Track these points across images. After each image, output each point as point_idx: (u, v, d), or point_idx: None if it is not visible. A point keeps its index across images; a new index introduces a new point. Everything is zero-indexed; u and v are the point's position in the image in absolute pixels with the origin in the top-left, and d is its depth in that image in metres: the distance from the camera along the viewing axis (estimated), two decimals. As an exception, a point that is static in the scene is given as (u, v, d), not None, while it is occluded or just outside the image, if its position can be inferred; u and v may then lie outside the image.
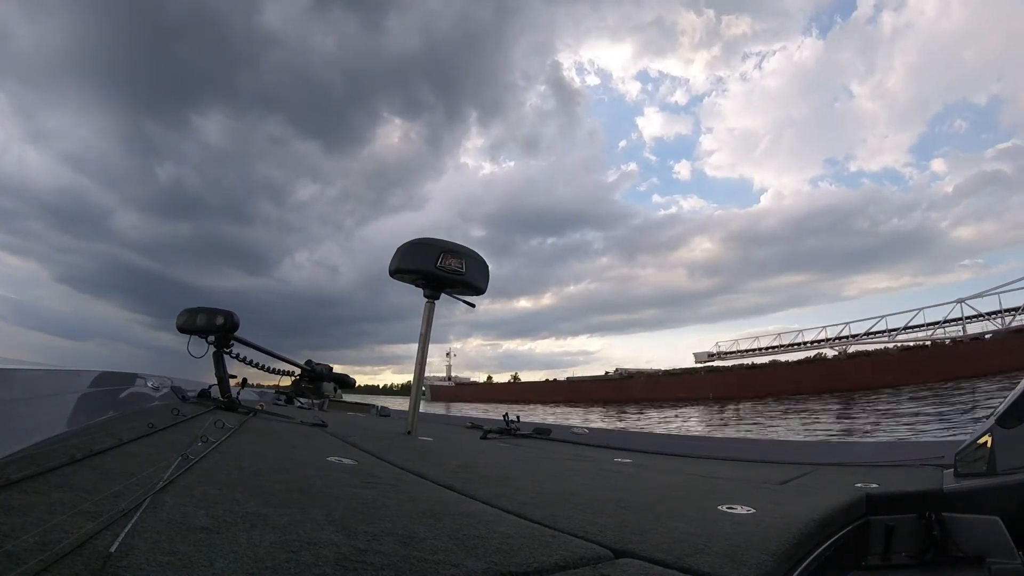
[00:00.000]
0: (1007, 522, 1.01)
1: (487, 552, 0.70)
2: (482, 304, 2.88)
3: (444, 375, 59.21)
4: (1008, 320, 26.75)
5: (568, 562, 0.70)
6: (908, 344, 29.22)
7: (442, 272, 2.52)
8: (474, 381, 59.99)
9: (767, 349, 35.45)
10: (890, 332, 30.13)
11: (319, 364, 4.54)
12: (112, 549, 0.56)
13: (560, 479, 1.54)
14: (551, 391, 41.83)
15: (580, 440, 3.18)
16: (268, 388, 4.85)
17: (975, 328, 27.93)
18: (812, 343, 33.08)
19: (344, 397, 5.15)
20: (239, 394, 2.82)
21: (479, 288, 2.68)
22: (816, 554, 0.89)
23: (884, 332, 30.42)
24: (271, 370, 3.86)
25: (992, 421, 1.21)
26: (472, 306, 2.85)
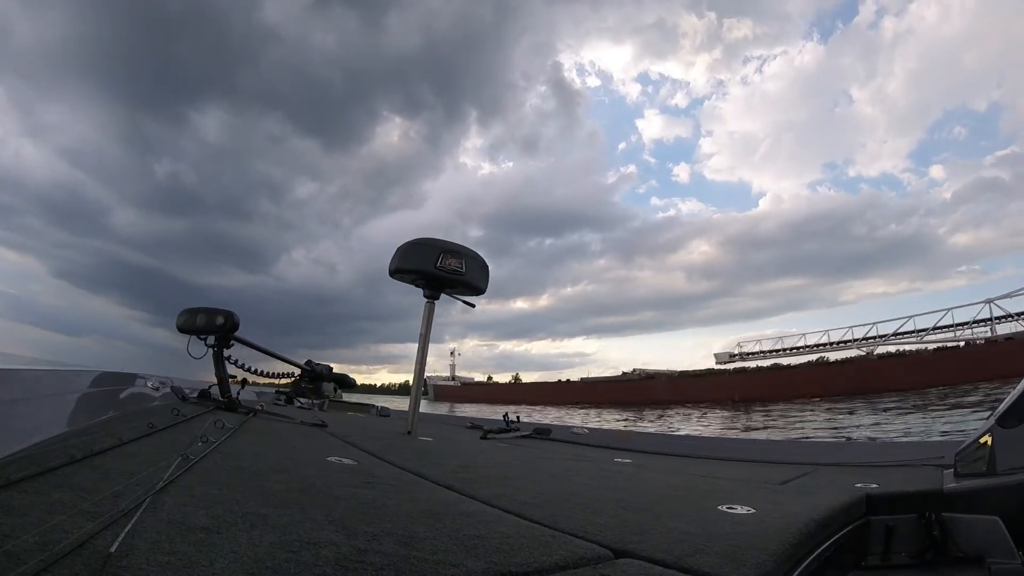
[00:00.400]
0: (1007, 522, 1.01)
1: (487, 552, 0.70)
2: (479, 304, 2.88)
3: (448, 375, 58.02)
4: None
5: (568, 562, 0.70)
6: (941, 344, 28.33)
7: (442, 272, 2.52)
8: (480, 381, 58.65)
9: (791, 350, 34.55)
10: (918, 332, 29.36)
11: (319, 364, 4.54)
12: (112, 549, 0.56)
13: (560, 479, 1.54)
14: (564, 392, 40.58)
15: (580, 440, 3.18)
16: (268, 387, 4.85)
17: (1004, 329, 27.28)
18: (839, 344, 32.27)
19: (344, 397, 5.15)
20: (239, 394, 2.82)
21: (479, 288, 2.68)
22: (816, 554, 0.89)
23: (912, 332, 29.63)
24: (271, 374, 3.87)
25: (992, 421, 1.21)
26: (472, 306, 2.85)
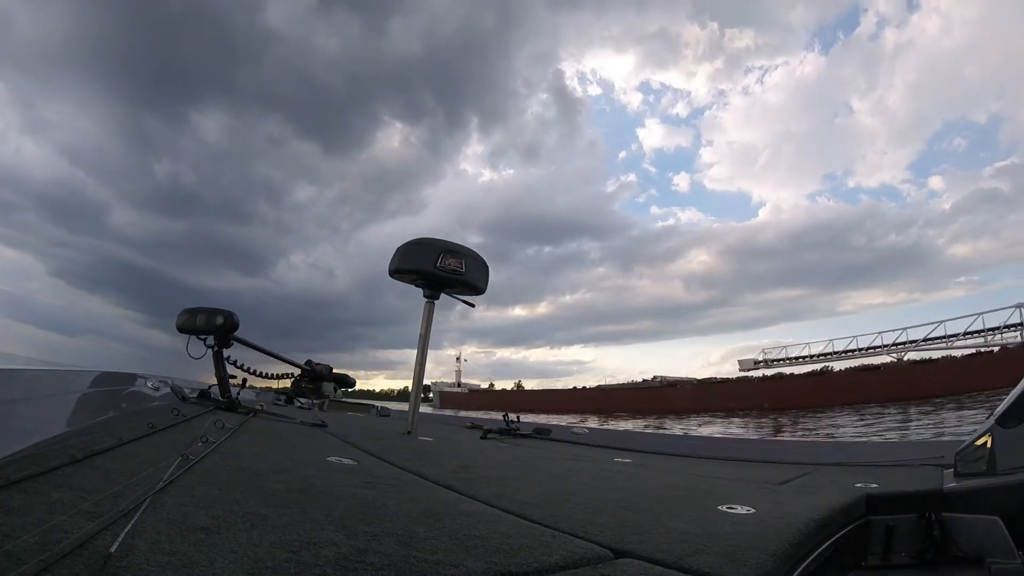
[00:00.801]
0: (1007, 522, 1.01)
1: (487, 552, 0.70)
2: (477, 311, 2.89)
3: (453, 381, 56.13)
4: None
5: (568, 562, 0.70)
6: (976, 350, 27.09)
7: (442, 272, 2.52)
8: (488, 387, 56.36)
9: (818, 356, 32.96)
10: (948, 338, 28.23)
11: (319, 364, 4.54)
12: (112, 549, 0.56)
13: (560, 479, 1.54)
14: (578, 400, 38.25)
15: (580, 440, 3.18)
16: (268, 387, 4.85)
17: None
18: (867, 349, 30.91)
19: (344, 397, 5.15)
20: (239, 394, 2.82)
21: (479, 288, 2.68)
22: (816, 554, 0.89)
23: (943, 338, 28.44)
24: (271, 375, 3.87)
25: (992, 421, 1.21)
26: (472, 306, 2.85)
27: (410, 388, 2.72)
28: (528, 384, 56.40)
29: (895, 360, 28.93)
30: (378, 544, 0.68)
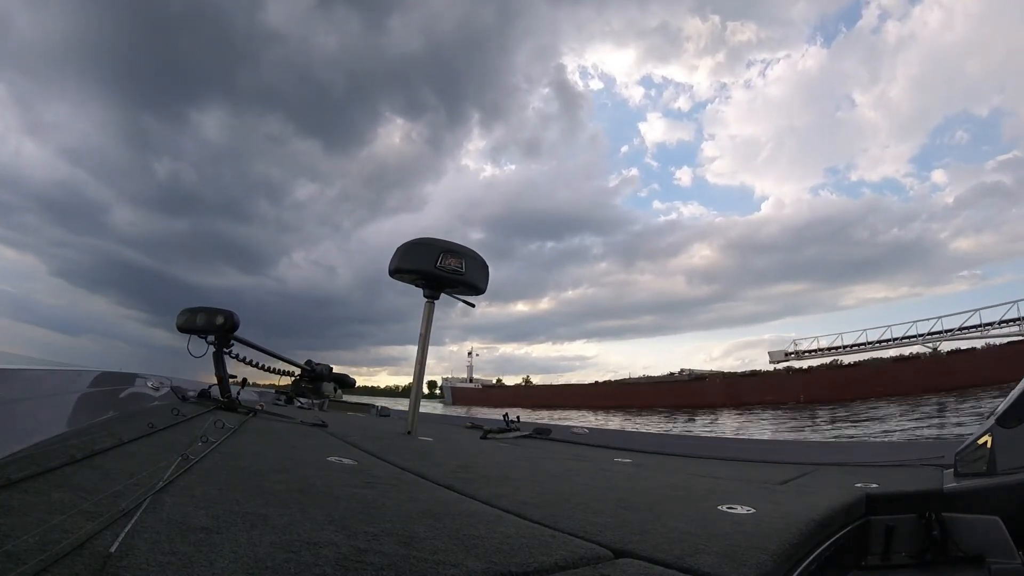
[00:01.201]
0: (1007, 522, 1.01)
1: (487, 552, 0.70)
2: (479, 307, 2.88)
3: (465, 376, 53.45)
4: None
5: (568, 562, 0.70)
6: (1013, 339, 25.80)
7: (442, 272, 2.51)
8: (502, 383, 53.76)
9: (852, 347, 31.43)
10: (983, 327, 27.00)
11: (319, 364, 4.54)
12: (112, 549, 0.56)
13: (560, 479, 1.54)
14: (598, 396, 35.97)
15: (580, 440, 3.18)
16: (268, 388, 4.85)
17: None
18: (901, 339, 29.61)
19: (344, 397, 5.15)
20: (239, 394, 2.82)
21: (479, 288, 2.68)
22: (816, 554, 0.89)
23: (977, 327, 27.26)
24: (272, 370, 3.86)
25: (992, 421, 1.21)
26: (472, 305, 2.85)
27: (415, 386, 2.71)
28: (536, 379, 55.14)
29: (931, 350, 27.88)
30: (378, 544, 0.68)
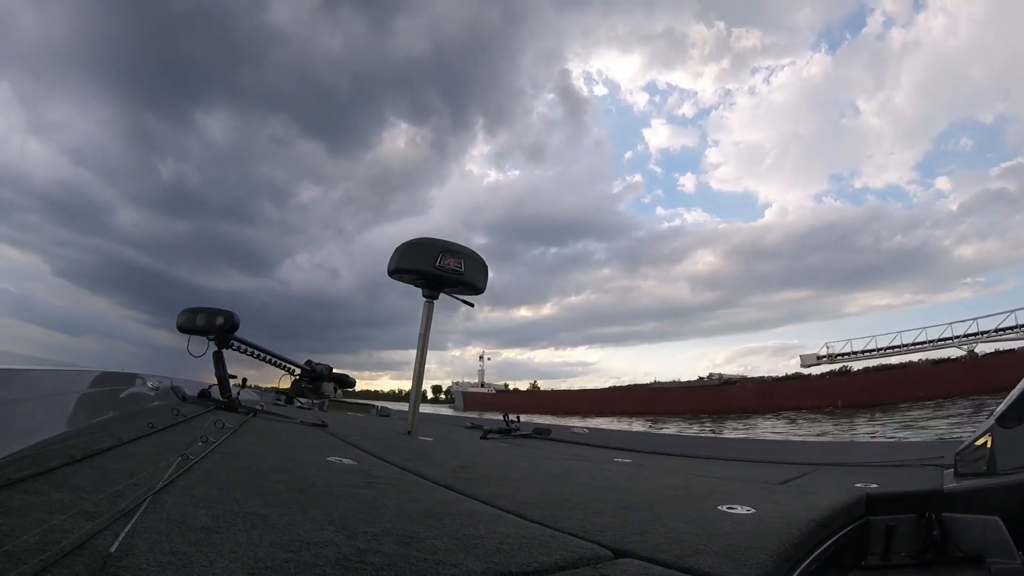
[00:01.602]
0: (1007, 522, 1.01)
1: (487, 552, 0.70)
2: (481, 312, 2.92)
3: (476, 381, 51.93)
4: None
5: (568, 562, 0.70)
6: None
7: (441, 272, 2.52)
8: (516, 388, 52.14)
9: (886, 349, 30.44)
10: (1020, 328, 26.27)
11: (319, 364, 4.55)
12: (112, 549, 0.56)
13: (560, 479, 1.54)
14: (621, 401, 34.11)
15: (580, 440, 3.18)
16: (268, 388, 4.85)
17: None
18: (937, 341, 28.80)
19: (343, 397, 5.15)
20: (239, 394, 2.82)
21: (478, 288, 2.68)
22: (816, 554, 0.89)
23: (1013, 328, 26.60)
24: (277, 364, 3.86)
25: (992, 421, 1.21)
26: (471, 305, 2.85)
27: (415, 386, 2.71)
28: (542, 385, 53.90)
29: (967, 352, 27.06)
30: (378, 544, 0.68)
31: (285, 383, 4.35)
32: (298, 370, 4.35)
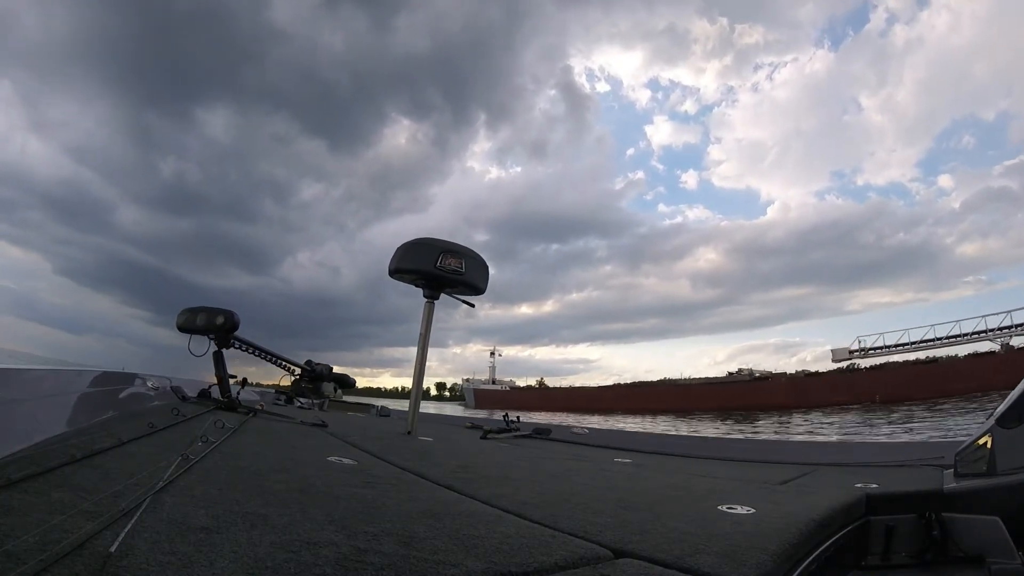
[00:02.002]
0: (1007, 522, 1.01)
1: (487, 552, 0.70)
2: (483, 309, 2.91)
3: (487, 377, 51.16)
4: None
5: (568, 562, 0.70)
6: None
7: (442, 272, 2.51)
8: (529, 385, 50.34)
9: (919, 343, 29.65)
10: None
11: (319, 364, 4.54)
12: (112, 549, 0.56)
13: (560, 479, 1.54)
14: (644, 398, 32.68)
15: (580, 440, 3.18)
16: (268, 388, 4.85)
17: None
18: (971, 335, 27.93)
19: (344, 397, 5.15)
20: (239, 394, 2.82)
21: (479, 288, 2.68)
22: (816, 554, 0.89)
23: None
24: (275, 363, 3.86)
25: (992, 421, 1.21)
26: (472, 306, 2.85)
27: (415, 386, 2.71)
28: (548, 382, 52.27)
29: (1002, 345, 26.44)
30: (378, 544, 0.68)
31: (285, 383, 4.35)
32: (298, 370, 4.35)
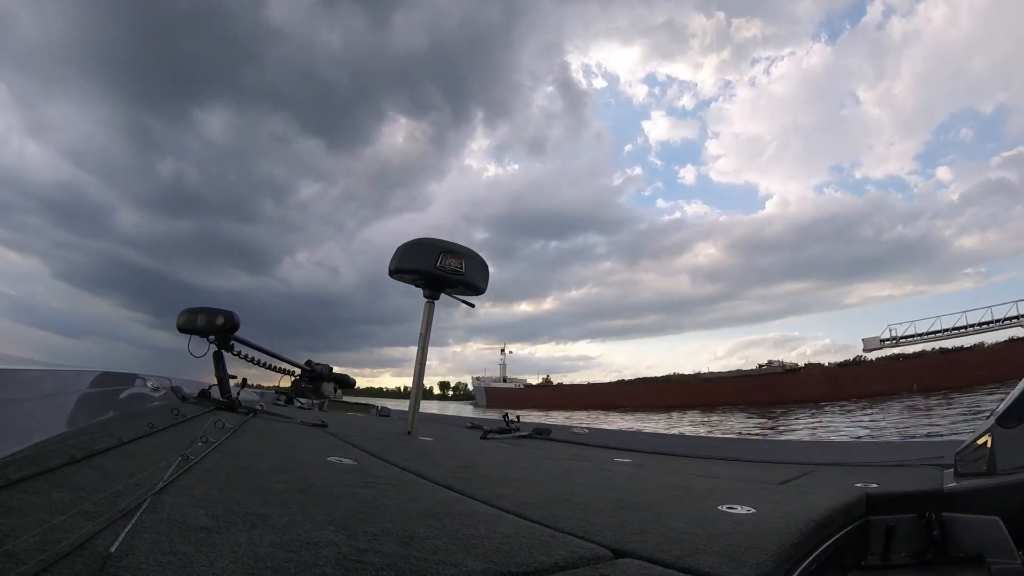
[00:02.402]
0: (1007, 522, 1.01)
1: (487, 552, 0.70)
2: (482, 307, 2.88)
3: (498, 376, 49.00)
4: None
5: (568, 562, 0.70)
6: None
7: (442, 272, 2.52)
8: (543, 382, 48.65)
9: (952, 331, 28.74)
10: None
11: (319, 364, 4.54)
12: (112, 549, 0.56)
13: (560, 479, 1.54)
14: (665, 393, 31.59)
15: (580, 440, 3.18)
16: (268, 388, 4.85)
17: None
18: (1004, 320, 26.87)
19: (344, 398, 5.15)
20: (239, 394, 2.82)
21: (479, 288, 2.68)
22: (816, 554, 0.89)
23: None
24: (273, 368, 3.86)
25: (992, 421, 1.21)
26: (472, 306, 2.85)
27: (415, 386, 2.71)
28: (555, 379, 51.22)
29: None
30: (378, 544, 0.68)
31: (285, 383, 4.35)
32: (298, 370, 4.35)
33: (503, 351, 52.19)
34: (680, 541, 0.79)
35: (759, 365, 32.90)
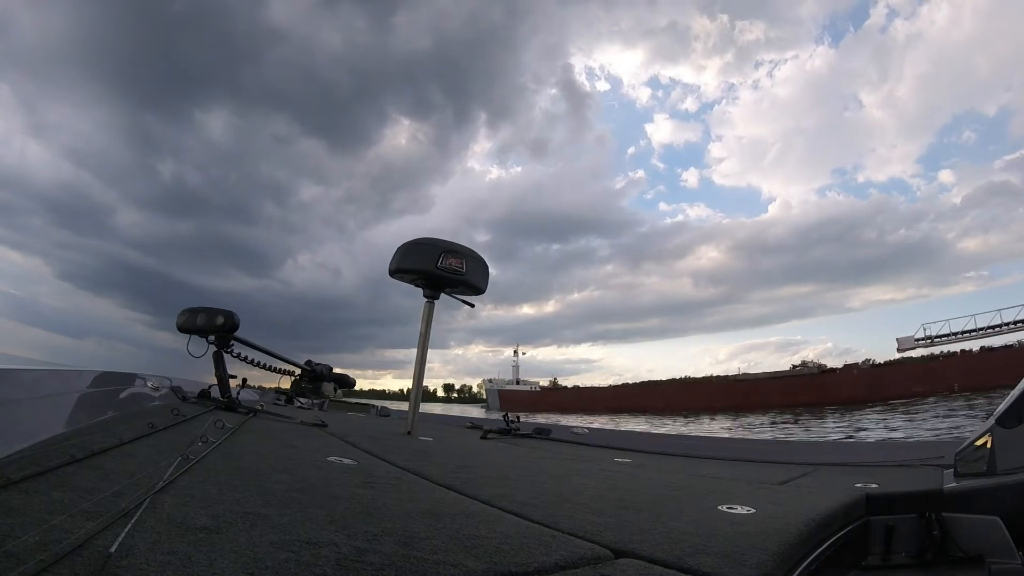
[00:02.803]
0: (1007, 522, 1.01)
1: (487, 552, 0.70)
2: (484, 310, 2.91)
3: (511, 378, 47.77)
4: None
5: (568, 562, 0.70)
6: None
7: (442, 272, 2.51)
8: (562, 385, 47.74)
9: (987, 329, 27.81)
10: None
11: (319, 364, 4.54)
12: (112, 549, 0.56)
13: (560, 479, 1.54)
14: (696, 394, 31.03)
15: (580, 440, 3.18)
16: (269, 388, 4.85)
17: None
18: None
19: (344, 398, 5.15)
20: (239, 394, 2.82)
21: (479, 288, 2.68)
22: (816, 554, 0.89)
23: None
24: (273, 369, 3.86)
25: (992, 421, 1.21)
26: (472, 306, 2.85)
27: (415, 386, 2.71)
28: (563, 382, 50.52)
29: None
30: (378, 544, 0.68)
31: (285, 383, 4.35)
32: (298, 370, 4.35)
33: (516, 352, 50.78)
34: (680, 541, 0.79)
35: (792, 366, 32.20)
